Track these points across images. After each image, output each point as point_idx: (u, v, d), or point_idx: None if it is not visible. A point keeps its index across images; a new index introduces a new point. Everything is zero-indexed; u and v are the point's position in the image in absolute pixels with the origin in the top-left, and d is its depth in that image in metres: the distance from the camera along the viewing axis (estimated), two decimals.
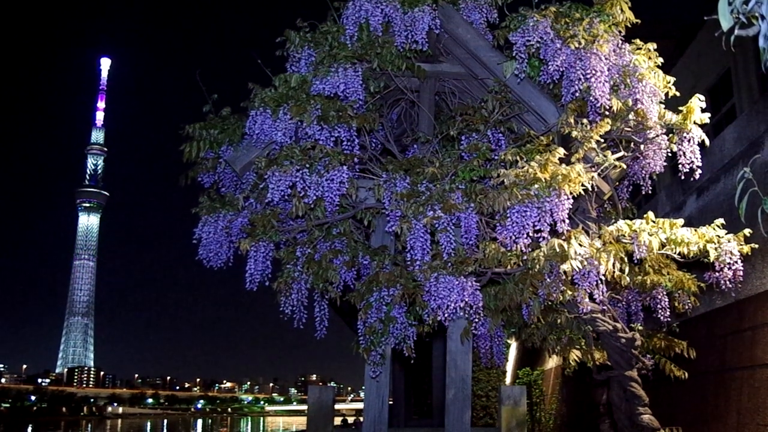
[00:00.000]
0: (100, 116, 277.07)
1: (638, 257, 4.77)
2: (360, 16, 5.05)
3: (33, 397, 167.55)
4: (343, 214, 5.30)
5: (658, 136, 5.07)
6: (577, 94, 4.77)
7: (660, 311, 5.32)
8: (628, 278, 4.94)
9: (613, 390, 5.44)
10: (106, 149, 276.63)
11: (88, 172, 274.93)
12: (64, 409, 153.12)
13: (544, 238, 4.44)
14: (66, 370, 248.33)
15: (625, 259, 4.67)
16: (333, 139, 4.84)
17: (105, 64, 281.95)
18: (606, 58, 4.76)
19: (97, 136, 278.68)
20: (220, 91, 5.77)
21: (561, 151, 4.62)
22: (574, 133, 4.83)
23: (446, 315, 4.53)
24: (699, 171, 4.96)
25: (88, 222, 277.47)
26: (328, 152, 4.78)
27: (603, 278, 4.57)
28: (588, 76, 4.66)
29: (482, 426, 13.78)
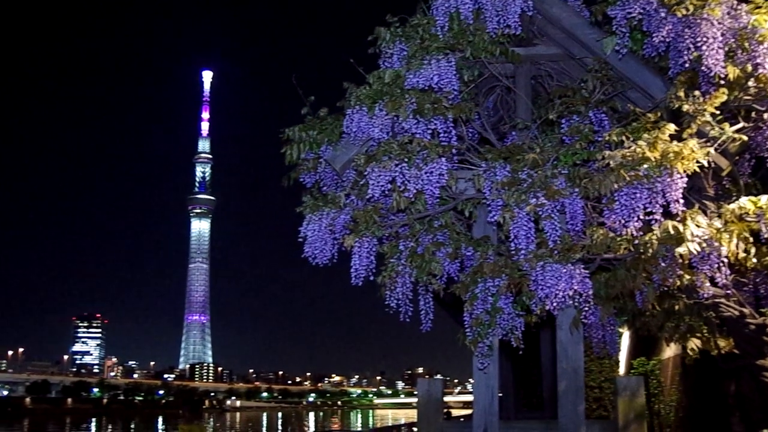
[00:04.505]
0: (205, 126, 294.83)
1: (766, 236, 4.41)
2: (450, 5, 5.01)
3: (161, 392, 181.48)
4: (444, 206, 5.29)
5: None
6: (687, 65, 4.46)
7: None
8: (754, 260, 4.58)
9: (743, 381, 5.09)
10: (212, 157, 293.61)
11: (197, 179, 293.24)
12: (191, 402, 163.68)
13: (656, 220, 4.24)
14: (188, 366, 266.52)
15: (751, 239, 4.34)
16: (430, 131, 4.84)
17: (207, 76, 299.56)
18: (719, 23, 4.41)
19: (204, 145, 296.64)
20: (317, 93, 5.93)
21: (671, 128, 4.36)
22: (686, 107, 4.53)
23: (555, 304, 4.44)
24: None
25: (200, 227, 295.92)
26: (426, 145, 4.78)
27: (725, 260, 4.27)
28: (698, 44, 4.34)
29: (596, 418, 13.29)
